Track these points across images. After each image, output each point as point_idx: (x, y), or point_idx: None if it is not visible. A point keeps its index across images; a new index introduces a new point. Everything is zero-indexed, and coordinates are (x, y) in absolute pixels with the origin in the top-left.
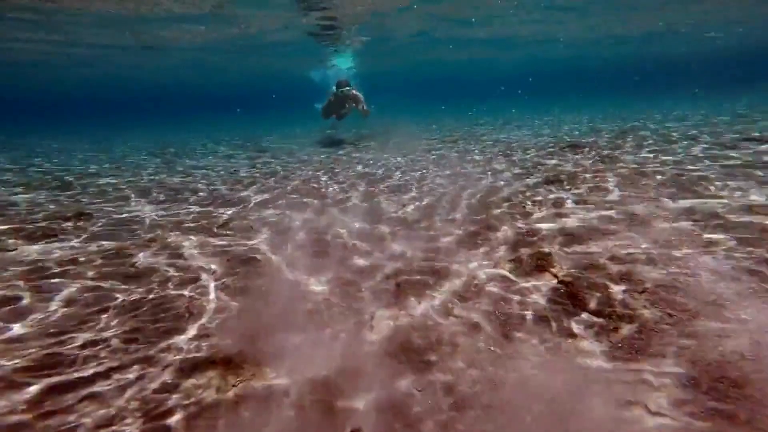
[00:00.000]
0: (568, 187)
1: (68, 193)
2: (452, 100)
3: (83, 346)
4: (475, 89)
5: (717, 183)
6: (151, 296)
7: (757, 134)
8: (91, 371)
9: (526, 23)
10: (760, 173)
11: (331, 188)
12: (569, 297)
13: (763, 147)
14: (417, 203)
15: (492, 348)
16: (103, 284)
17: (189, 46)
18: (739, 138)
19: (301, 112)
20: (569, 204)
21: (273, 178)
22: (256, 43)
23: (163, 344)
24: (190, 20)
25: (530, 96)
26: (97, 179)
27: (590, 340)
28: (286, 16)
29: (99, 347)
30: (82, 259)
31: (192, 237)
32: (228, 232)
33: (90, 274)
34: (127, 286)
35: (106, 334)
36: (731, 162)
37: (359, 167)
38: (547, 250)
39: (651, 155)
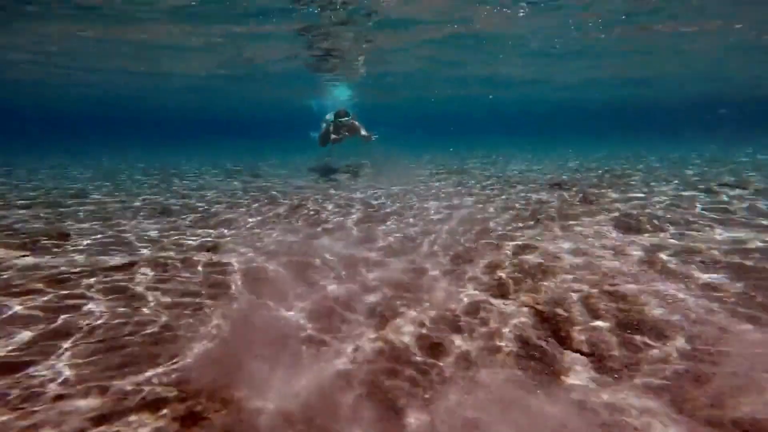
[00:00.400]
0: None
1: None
2: (451, 134)
3: None
4: (472, 125)
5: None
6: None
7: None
8: None
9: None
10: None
11: (322, 215)
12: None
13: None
14: (400, 233)
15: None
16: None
17: (192, 73)
18: None
19: (298, 140)
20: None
21: (256, 204)
22: (258, 72)
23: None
24: (195, 50)
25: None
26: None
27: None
28: (288, 48)
29: None
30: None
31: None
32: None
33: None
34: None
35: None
36: None
37: (353, 195)
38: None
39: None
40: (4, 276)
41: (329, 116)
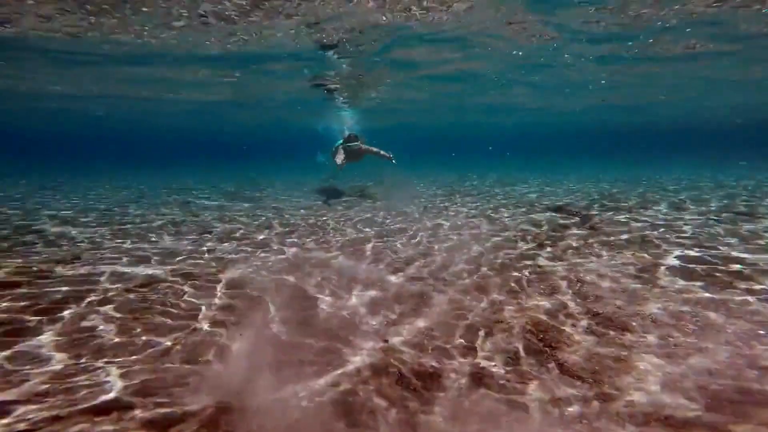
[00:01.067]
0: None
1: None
2: (457, 154)
3: None
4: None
5: None
6: None
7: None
8: None
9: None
10: None
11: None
12: None
13: None
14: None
15: None
16: None
17: (201, 99)
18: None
19: (303, 162)
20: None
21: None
22: (266, 99)
23: None
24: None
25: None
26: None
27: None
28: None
29: None
30: None
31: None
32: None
33: None
34: None
35: None
36: None
37: (356, 217)
38: None
39: None
40: None
41: (340, 141)
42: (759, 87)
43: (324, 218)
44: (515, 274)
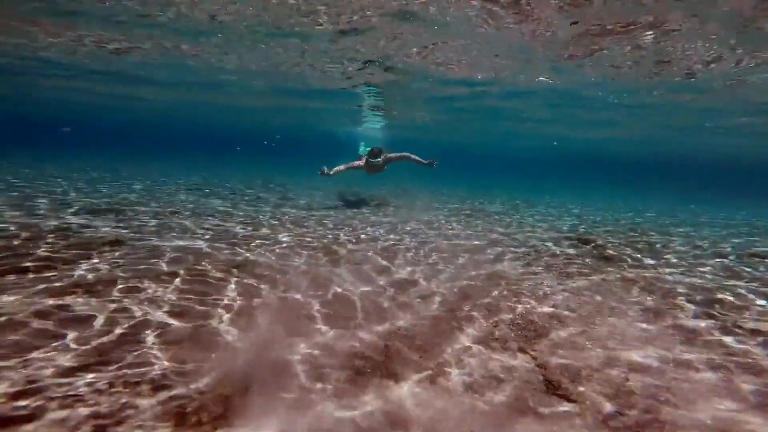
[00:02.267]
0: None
1: None
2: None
3: None
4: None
5: None
6: None
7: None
8: None
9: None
10: None
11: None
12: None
13: None
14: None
15: None
16: None
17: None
18: None
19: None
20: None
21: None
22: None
23: None
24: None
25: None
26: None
27: None
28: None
29: None
30: None
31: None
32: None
33: None
34: None
35: None
36: None
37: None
38: None
39: None
40: None
41: (365, 151)
42: None
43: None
44: None
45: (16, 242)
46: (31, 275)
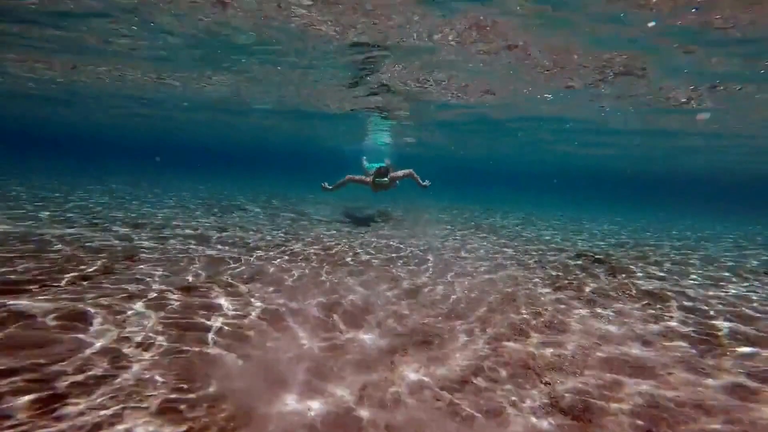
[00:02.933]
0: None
1: None
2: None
3: None
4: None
5: None
6: None
7: None
8: None
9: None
10: None
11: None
12: None
13: None
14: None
15: None
16: None
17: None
18: None
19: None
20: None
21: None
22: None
23: None
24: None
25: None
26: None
27: None
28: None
29: None
30: None
31: None
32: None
33: None
34: None
35: None
36: None
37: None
38: None
39: None
40: None
41: (366, 164)
42: None
43: None
44: None
45: None
46: None
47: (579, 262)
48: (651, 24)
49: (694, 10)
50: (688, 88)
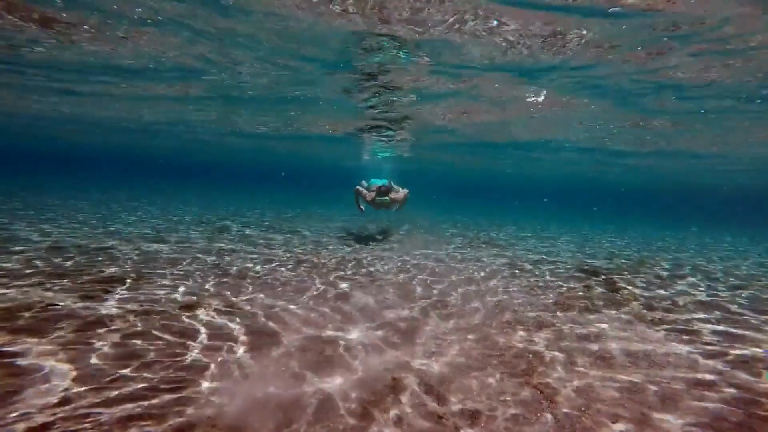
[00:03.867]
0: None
1: None
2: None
3: None
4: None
5: None
6: None
7: None
8: None
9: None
10: None
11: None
12: None
13: None
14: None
15: None
16: None
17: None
18: None
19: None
20: None
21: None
22: (305, 135)
23: None
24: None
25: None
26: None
27: None
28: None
29: None
30: None
31: None
32: None
33: None
34: None
35: None
36: None
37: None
38: None
39: None
40: None
41: (371, 185)
42: None
43: None
44: None
45: None
46: None
47: None
48: None
49: None
50: None
